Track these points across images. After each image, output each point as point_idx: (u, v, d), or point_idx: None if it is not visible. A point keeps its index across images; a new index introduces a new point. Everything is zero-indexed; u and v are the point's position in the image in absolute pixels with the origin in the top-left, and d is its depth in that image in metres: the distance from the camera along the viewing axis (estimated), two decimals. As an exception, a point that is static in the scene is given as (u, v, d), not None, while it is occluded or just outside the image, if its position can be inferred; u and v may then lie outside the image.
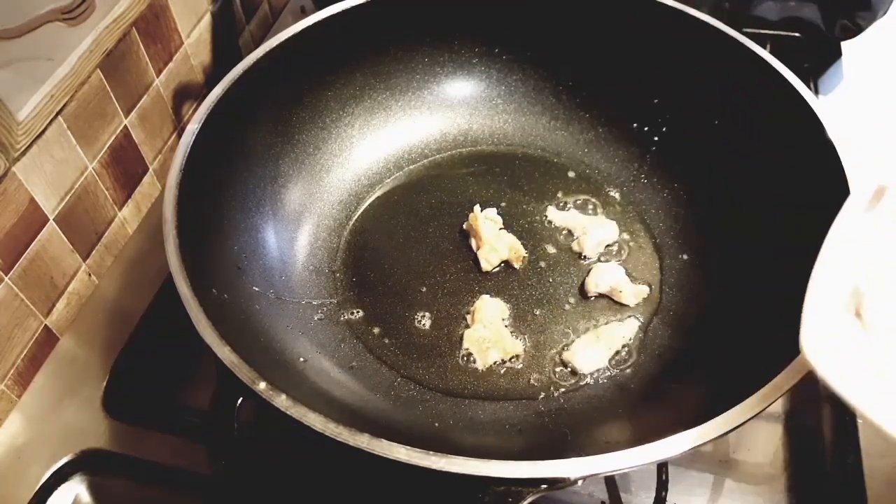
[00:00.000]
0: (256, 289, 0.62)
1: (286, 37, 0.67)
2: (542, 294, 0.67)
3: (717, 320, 0.60)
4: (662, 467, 0.55)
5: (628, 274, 0.67)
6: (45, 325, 0.67)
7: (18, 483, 0.59)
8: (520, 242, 0.70)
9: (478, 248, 0.70)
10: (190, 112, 0.84)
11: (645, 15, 0.70)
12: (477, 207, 0.71)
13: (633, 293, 0.66)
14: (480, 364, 0.62)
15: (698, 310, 0.63)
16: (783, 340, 0.47)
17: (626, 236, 0.71)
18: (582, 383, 0.61)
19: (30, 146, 0.61)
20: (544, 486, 0.42)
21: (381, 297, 0.68)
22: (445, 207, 0.74)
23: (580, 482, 0.42)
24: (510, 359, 0.63)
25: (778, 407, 0.61)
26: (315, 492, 0.56)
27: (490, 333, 0.64)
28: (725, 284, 0.63)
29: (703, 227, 0.68)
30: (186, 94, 0.83)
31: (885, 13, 0.80)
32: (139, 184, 0.78)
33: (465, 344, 0.64)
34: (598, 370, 0.61)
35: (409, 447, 0.42)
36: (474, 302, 0.66)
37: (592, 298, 0.66)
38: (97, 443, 0.61)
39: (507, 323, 0.65)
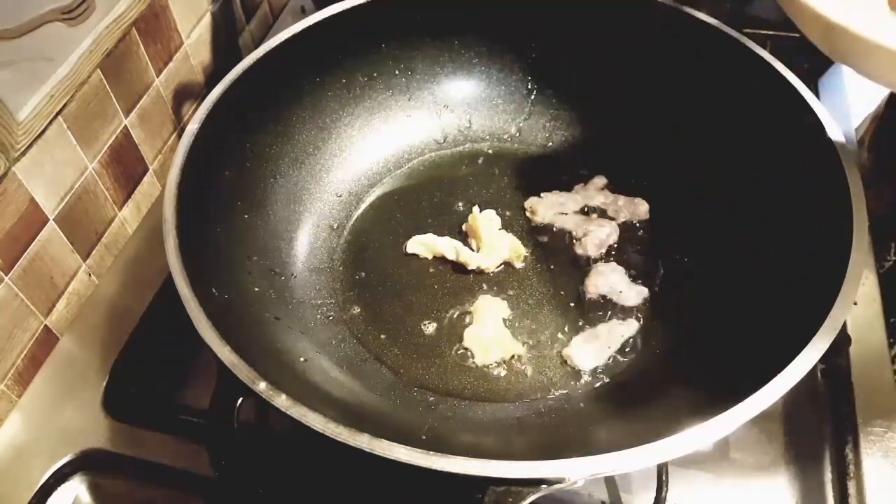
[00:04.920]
0: (257, 289, 0.62)
1: (286, 37, 0.67)
2: (542, 294, 0.67)
3: (716, 320, 0.60)
4: (662, 467, 0.55)
5: (628, 274, 0.67)
6: (45, 325, 0.67)
7: (18, 483, 0.59)
8: (520, 242, 0.70)
9: (478, 249, 0.70)
10: (190, 112, 0.84)
11: (645, 15, 0.70)
12: (476, 208, 0.71)
13: (633, 293, 0.66)
14: (481, 363, 0.62)
15: (698, 310, 0.63)
16: (783, 340, 0.47)
17: (626, 237, 0.71)
18: (582, 383, 0.61)
19: (30, 146, 0.61)
20: (544, 486, 0.42)
21: (381, 297, 0.68)
22: (445, 207, 0.74)
23: (580, 482, 0.42)
24: (510, 358, 0.63)
25: (778, 407, 0.61)
26: (315, 492, 0.56)
27: (490, 333, 0.64)
28: (725, 284, 0.63)
29: (702, 227, 0.68)
30: (186, 94, 0.83)
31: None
32: (139, 184, 0.78)
33: (466, 344, 0.64)
34: (597, 369, 0.61)
35: (409, 447, 0.42)
36: (474, 302, 0.66)
37: (592, 298, 0.66)
38: (97, 443, 0.61)
39: (507, 323, 0.65)
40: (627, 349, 0.63)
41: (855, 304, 0.64)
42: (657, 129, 0.73)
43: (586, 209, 0.73)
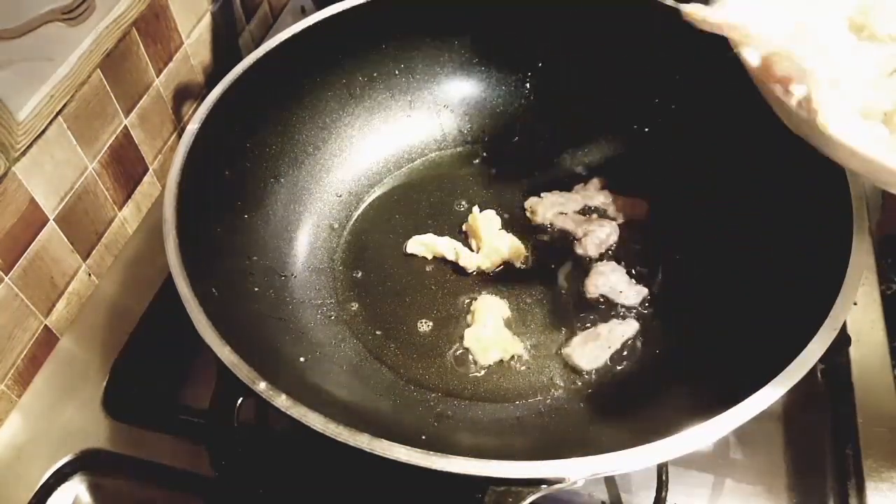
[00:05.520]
0: (256, 289, 0.62)
1: (286, 37, 0.67)
2: (542, 294, 0.67)
3: (716, 320, 0.60)
4: (662, 467, 0.55)
5: (628, 274, 0.67)
6: (45, 325, 0.67)
7: (18, 483, 0.60)
8: (520, 242, 0.70)
9: (478, 249, 0.69)
10: (190, 112, 0.84)
11: (645, 15, 0.70)
12: (476, 208, 0.71)
13: (633, 293, 0.66)
14: (481, 363, 0.62)
15: (698, 310, 0.63)
16: (783, 340, 0.47)
17: (626, 236, 0.71)
18: (582, 383, 0.61)
19: (30, 146, 0.61)
20: (544, 486, 0.42)
21: (381, 297, 0.68)
22: (445, 207, 0.74)
23: (580, 482, 0.42)
24: (510, 358, 0.63)
25: (778, 407, 0.61)
26: (315, 492, 0.56)
27: (490, 333, 0.63)
28: (725, 284, 0.63)
29: (702, 227, 0.68)
30: (186, 94, 0.83)
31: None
32: (139, 184, 0.78)
33: (466, 343, 0.64)
34: (597, 369, 0.61)
35: (409, 447, 0.42)
36: (474, 302, 0.66)
37: (593, 298, 0.66)
38: (97, 443, 0.61)
39: (507, 323, 0.65)
40: (627, 349, 0.63)
41: (855, 304, 0.64)
42: (657, 128, 0.73)
43: (586, 209, 0.73)
